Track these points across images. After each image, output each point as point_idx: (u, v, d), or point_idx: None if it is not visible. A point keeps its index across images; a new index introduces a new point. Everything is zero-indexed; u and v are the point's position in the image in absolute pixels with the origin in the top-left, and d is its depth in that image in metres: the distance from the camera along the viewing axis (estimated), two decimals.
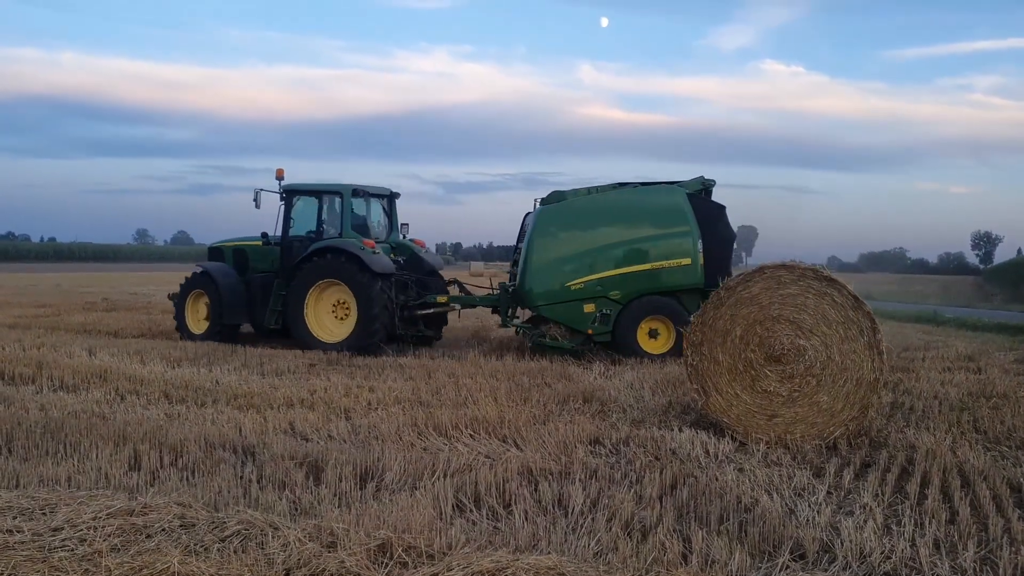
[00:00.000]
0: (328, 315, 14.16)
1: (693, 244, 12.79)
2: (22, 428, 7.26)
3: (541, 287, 13.17)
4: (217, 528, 4.76)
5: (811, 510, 5.50)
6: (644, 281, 12.93)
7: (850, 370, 7.37)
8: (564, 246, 13.19)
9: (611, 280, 12.94)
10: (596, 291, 12.97)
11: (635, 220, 13.11)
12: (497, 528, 5.12)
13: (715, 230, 13.02)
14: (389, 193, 15.82)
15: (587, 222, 13.27)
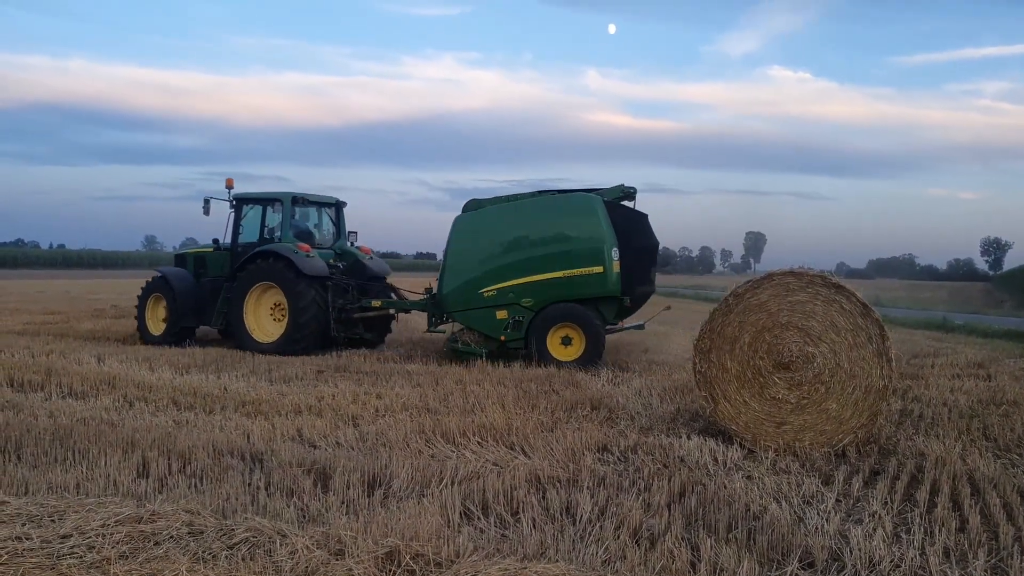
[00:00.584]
0: (267, 317, 14.77)
1: (606, 252, 12.76)
2: (31, 435, 7.28)
3: (456, 293, 13.51)
4: (225, 535, 4.77)
5: (820, 518, 5.48)
6: (556, 288, 12.98)
7: (859, 377, 7.35)
8: (479, 253, 13.44)
9: (523, 287, 13.09)
10: (509, 298, 13.18)
11: (548, 228, 13.17)
12: (505, 536, 5.11)
13: (633, 238, 13.05)
14: (335, 202, 16.44)
15: (501, 230, 13.47)
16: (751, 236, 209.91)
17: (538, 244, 13.16)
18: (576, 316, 12.92)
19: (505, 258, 13.26)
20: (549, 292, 12.99)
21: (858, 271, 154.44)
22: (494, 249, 13.39)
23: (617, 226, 12.93)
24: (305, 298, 14.05)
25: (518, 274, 13.13)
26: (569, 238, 12.97)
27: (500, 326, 13.28)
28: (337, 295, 14.73)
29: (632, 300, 13.13)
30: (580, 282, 12.86)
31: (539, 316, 13.04)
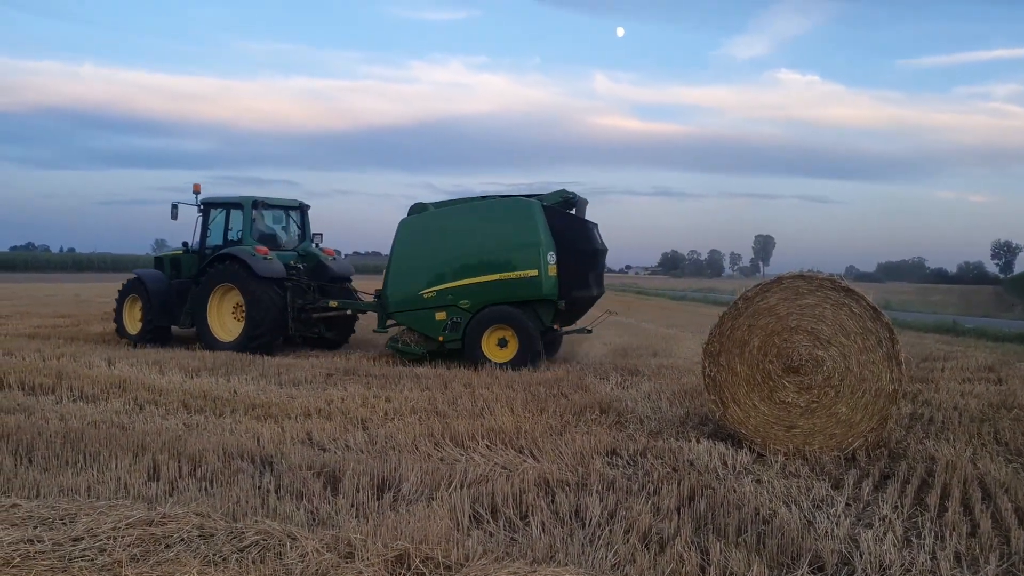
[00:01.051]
0: (229, 317, 15.35)
1: (541, 256, 12.95)
2: (42, 438, 7.31)
3: (398, 294, 13.95)
4: (235, 538, 4.78)
5: (830, 522, 5.47)
6: (492, 291, 13.23)
7: (869, 381, 7.33)
8: (420, 256, 13.83)
9: (461, 289, 13.41)
10: (447, 300, 13.49)
11: (486, 232, 13.47)
12: (514, 539, 5.11)
13: (572, 243, 13.23)
14: (298, 205, 16.96)
15: (442, 234, 13.81)
16: (760, 239, 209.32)
17: (476, 247, 13.46)
18: (510, 318, 13.17)
19: (445, 261, 13.61)
20: (486, 294, 13.27)
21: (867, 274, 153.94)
22: (435, 252, 13.72)
23: (556, 231, 13.15)
24: (261, 298, 14.58)
25: (457, 276, 13.47)
26: (506, 242, 13.25)
27: (439, 327, 13.60)
28: (297, 295, 15.21)
29: (569, 304, 13.33)
30: (515, 285, 13.11)
31: (476, 318, 13.33)
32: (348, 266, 16.83)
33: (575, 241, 13.29)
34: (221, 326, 15.27)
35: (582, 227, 13.60)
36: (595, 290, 13.78)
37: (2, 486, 5.94)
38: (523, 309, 13.19)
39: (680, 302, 42.85)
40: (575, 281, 13.20)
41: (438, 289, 13.55)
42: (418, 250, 13.89)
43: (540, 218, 13.11)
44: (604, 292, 14.56)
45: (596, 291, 13.84)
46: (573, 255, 13.19)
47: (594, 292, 13.78)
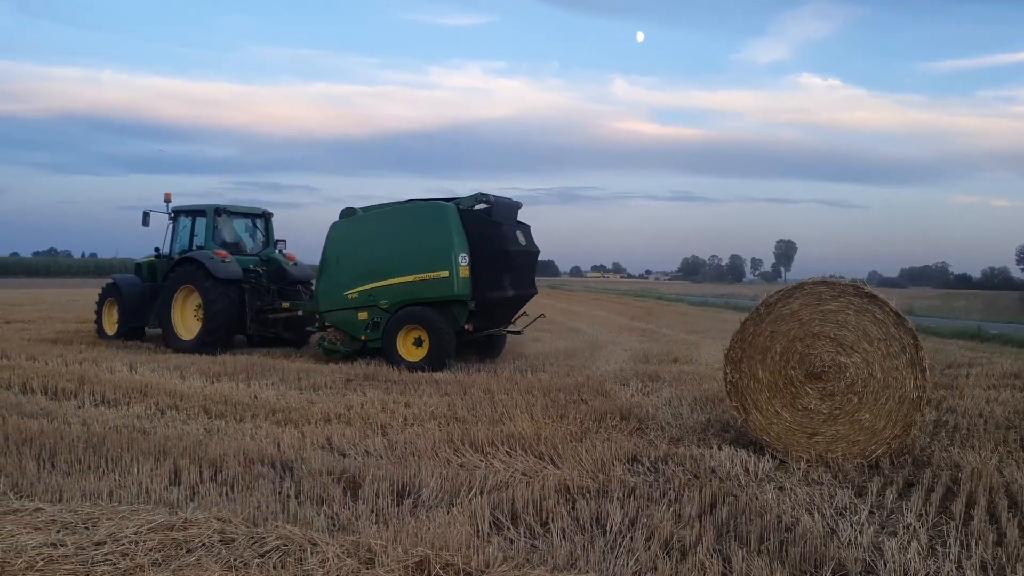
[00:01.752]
0: (192, 317, 16.14)
1: (453, 258, 13.30)
2: (65, 442, 7.37)
3: (326, 295, 14.52)
4: (256, 543, 4.79)
5: (853, 530, 5.41)
6: (408, 292, 13.71)
7: (892, 387, 7.26)
8: (346, 258, 14.38)
9: (380, 290, 13.93)
10: (369, 300, 14.06)
11: (404, 235, 13.91)
12: (534, 546, 5.09)
13: (487, 245, 13.50)
14: (262, 213, 18.05)
15: (365, 237, 14.37)
16: (781, 244, 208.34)
17: (394, 249, 13.92)
18: (423, 318, 13.60)
19: (367, 263, 14.14)
20: (403, 295, 13.76)
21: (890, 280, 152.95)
22: (359, 254, 14.29)
23: (470, 233, 13.51)
24: (216, 299, 15.39)
25: (377, 277, 13.97)
26: (420, 244, 13.66)
27: (361, 326, 14.19)
28: (255, 297, 16.13)
29: (483, 305, 13.62)
30: (428, 286, 13.53)
31: (393, 318, 13.81)
32: (307, 270, 17.71)
33: (491, 243, 13.54)
34: (184, 326, 16.07)
35: (497, 229, 13.72)
36: (511, 291, 14.01)
37: (26, 490, 5.99)
38: (438, 310, 13.59)
39: (701, 308, 42.63)
40: (489, 282, 13.51)
41: (360, 290, 14.09)
42: (345, 252, 14.43)
43: (454, 221, 13.50)
44: (534, 293, 15.05)
45: (513, 292, 14.07)
46: (488, 257, 13.50)
47: (509, 293, 13.99)
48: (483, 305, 13.63)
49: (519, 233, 14.30)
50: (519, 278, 14.21)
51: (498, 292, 13.73)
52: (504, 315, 14.69)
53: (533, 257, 14.84)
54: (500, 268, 13.67)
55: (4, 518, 5.19)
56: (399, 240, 13.92)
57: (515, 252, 13.92)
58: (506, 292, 13.88)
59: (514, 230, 14.16)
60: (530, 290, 14.87)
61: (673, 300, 53.50)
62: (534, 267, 15.00)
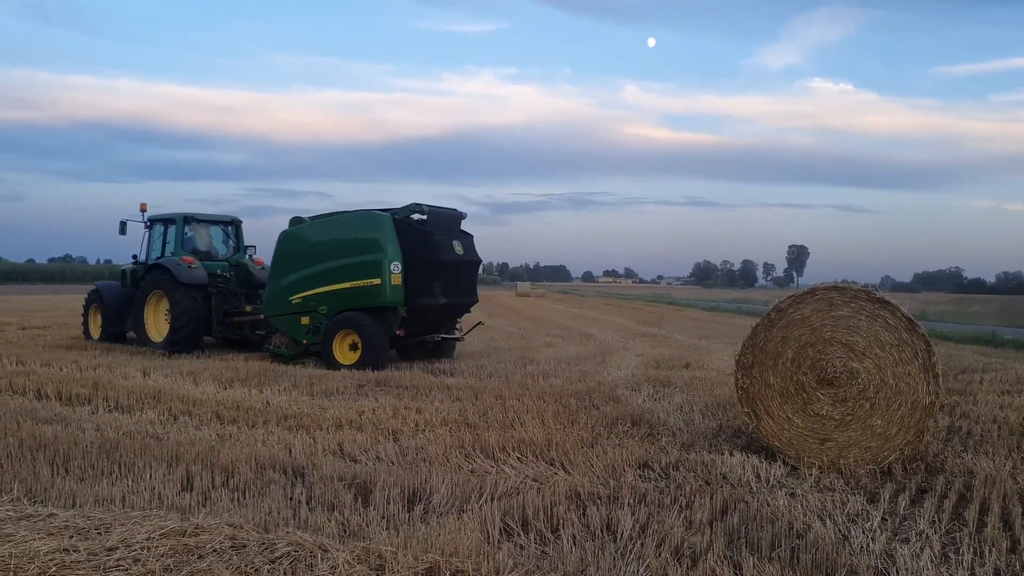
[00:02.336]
0: (163, 320, 16.84)
1: (385, 266, 13.95)
2: (78, 448, 7.41)
3: (272, 300, 15.29)
4: (267, 549, 4.80)
5: (865, 536, 5.39)
6: (344, 298, 14.36)
7: (905, 393, 7.23)
8: (292, 265, 15.02)
9: (321, 296, 14.60)
10: (310, 305, 14.74)
11: (341, 243, 14.60)
12: (545, 553, 5.09)
13: (420, 254, 14.12)
14: (231, 220, 18.80)
15: (308, 245, 15.02)
16: (793, 249, 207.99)
17: (333, 257, 14.58)
18: (356, 324, 14.23)
19: (309, 269, 14.77)
20: (340, 301, 14.42)
21: (903, 285, 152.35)
22: (303, 261, 14.93)
23: (404, 242, 14.15)
24: (181, 302, 16.17)
25: (318, 284, 14.64)
26: (356, 252, 14.32)
27: (303, 331, 14.87)
28: (222, 301, 16.87)
29: (414, 311, 14.24)
30: (362, 292, 14.19)
31: (330, 322, 14.45)
32: None
33: (423, 252, 14.11)
34: (156, 328, 16.93)
35: (429, 239, 14.26)
36: (443, 298, 14.49)
37: (39, 496, 6.02)
38: (372, 315, 14.23)
39: (712, 313, 42.54)
40: (420, 290, 14.10)
41: (303, 295, 14.79)
42: (291, 260, 15.06)
43: (388, 230, 14.14)
44: (474, 301, 15.67)
45: (446, 299, 14.55)
46: (420, 265, 14.09)
47: (441, 300, 14.47)
48: (414, 311, 14.25)
49: (456, 243, 14.79)
50: (454, 286, 14.76)
51: (429, 299, 14.26)
52: (438, 321, 15.25)
53: (472, 266, 15.41)
54: (432, 276, 14.22)
55: (18, 523, 5.22)
56: (337, 248, 14.58)
57: (449, 261, 14.43)
58: (438, 300, 14.40)
59: (450, 240, 14.68)
60: (469, 298, 15.46)
61: (685, 305, 53.41)
62: (474, 276, 15.65)
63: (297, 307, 14.87)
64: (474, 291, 15.65)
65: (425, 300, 14.18)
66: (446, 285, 14.47)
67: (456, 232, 15.06)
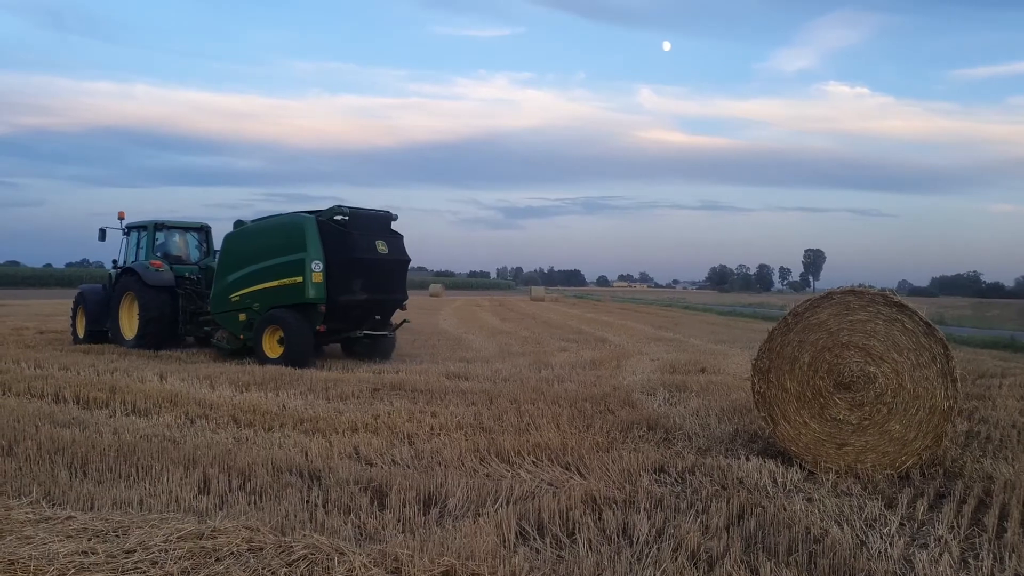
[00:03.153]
0: (135, 319, 17.92)
1: (307, 265, 14.87)
2: (96, 451, 7.46)
3: (216, 299, 16.38)
4: (284, 552, 4.81)
5: (883, 542, 5.36)
6: (273, 296, 15.36)
7: (923, 398, 7.18)
8: (233, 266, 16.08)
9: (255, 294, 15.62)
10: (246, 303, 15.78)
11: (272, 245, 15.57)
12: (561, 557, 5.08)
13: (339, 253, 14.99)
14: (200, 226, 19.88)
15: (245, 246, 16.05)
16: (810, 253, 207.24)
17: (265, 258, 15.57)
18: (282, 320, 15.11)
19: (246, 269, 15.80)
20: (269, 298, 15.40)
21: (921, 289, 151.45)
22: (241, 262, 15.95)
23: (327, 243, 15.04)
24: (149, 303, 17.35)
25: (252, 283, 15.66)
26: (283, 252, 15.27)
27: (241, 327, 15.98)
28: (189, 302, 17.79)
29: (334, 308, 15.07)
30: (288, 290, 15.14)
31: (260, 319, 15.46)
32: None
33: (342, 252, 14.98)
34: (129, 327, 18.07)
35: (348, 239, 15.09)
36: (362, 295, 15.35)
37: (58, 498, 6.06)
38: (297, 312, 15.13)
39: (728, 317, 42.41)
40: (340, 287, 14.97)
41: (240, 294, 15.83)
42: (231, 260, 16.11)
43: (311, 232, 15.03)
44: (402, 299, 16.41)
45: (365, 296, 15.40)
46: (339, 264, 14.96)
47: (360, 297, 15.32)
48: (334, 308, 15.09)
49: (379, 242, 15.54)
50: (377, 284, 15.60)
51: (348, 296, 15.14)
52: (361, 318, 15.94)
53: (398, 265, 16.06)
54: (351, 274, 15.09)
55: (37, 526, 5.26)
56: (268, 249, 15.55)
57: (369, 260, 15.28)
58: (357, 296, 15.27)
59: (372, 240, 15.45)
60: (395, 295, 16.26)
61: (700, 310, 53.27)
62: (401, 274, 16.29)
63: (236, 305, 15.92)
64: (400, 289, 16.32)
65: (345, 297, 15.07)
66: (367, 283, 15.33)
67: (381, 232, 15.78)
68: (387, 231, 15.97)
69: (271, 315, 15.23)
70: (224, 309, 16.23)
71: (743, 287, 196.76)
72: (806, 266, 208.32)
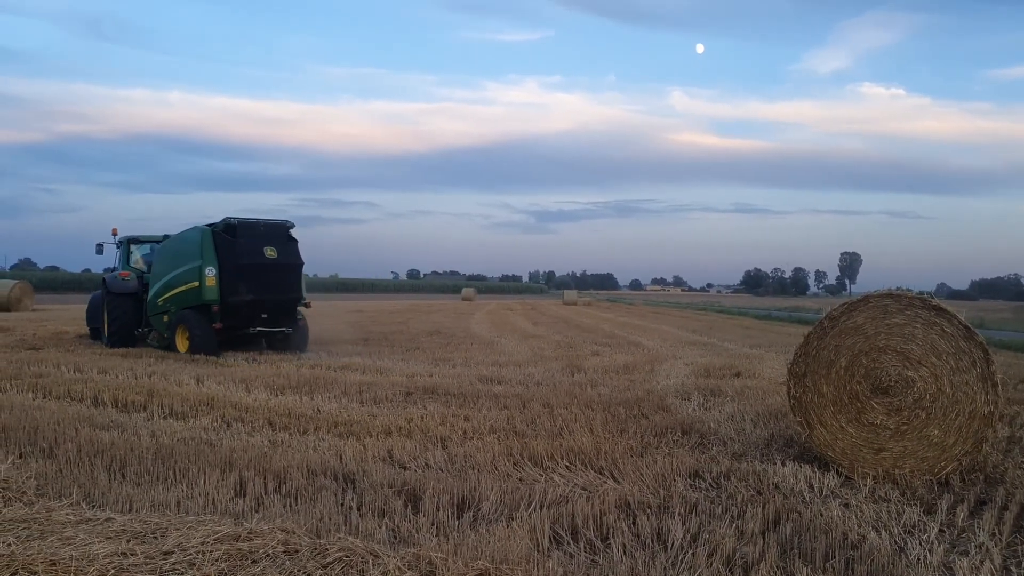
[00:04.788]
0: None
1: (202, 271, 17.20)
2: (134, 454, 7.55)
3: (150, 304, 18.80)
4: (319, 555, 4.84)
5: (922, 548, 5.28)
6: (181, 299, 17.71)
7: (962, 403, 7.07)
8: (157, 275, 18.61)
9: (170, 299, 18.01)
10: (166, 307, 18.18)
11: (179, 255, 18.02)
12: (595, 561, 5.06)
13: (227, 259, 17.32)
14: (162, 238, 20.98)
15: (164, 258, 18.64)
16: (846, 256, 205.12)
17: (176, 266, 17.90)
18: (187, 319, 17.56)
19: (165, 278, 18.18)
20: (180, 301, 17.74)
21: (960, 292, 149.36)
22: (162, 271, 18.39)
23: (220, 251, 17.28)
24: (112, 307, 19.65)
25: (169, 289, 18.04)
26: (187, 261, 17.62)
27: (165, 327, 18.37)
28: None
29: (226, 308, 17.32)
30: (191, 294, 17.46)
31: (173, 319, 17.94)
32: None
33: (230, 258, 17.30)
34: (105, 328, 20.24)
35: (234, 246, 17.42)
36: (249, 296, 17.58)
37: (97, 500, 6.15)
38: (198, 312, 17.41)
39: (763, 321, 42.06)
40: (229, 289, 17.26)
41: (164, 298, 18.17)
42: (158, 270, 18.67)
43: (206, 242, 17.30)
44: (297, 298, 18.55)
45: (252, 296, 17.63)
46: (228, 269, 17.26)
47: (247, 297, 17.56)
48: (226, 307, 17.37)
49: (267, 248, 17.74)
50: (266, 285, 17.82)
51: (236, 297, 17.41)
52: (253, 316, 18.03)
53: (288, 268, 18.19)
54: (238, 278, 17.35)
55: (77, 527, 5.33)
56: (177, 259, 17.94)
57: (255, 264, 17.53)
58: (244, 297, 17.50)
59: (260, 247, 17.67)
60: (287, 296, 18.34)
61: (735, 313, 52.89)
62: (293, 276, 18.34)
63: (161, 308, 18.36)
64: (294, 289, 18.40)
65: (233, 298, 17.37)
66: (254, 285, 17.60)
67: (272, 240, 17.95)
68: (280, 238, 18.15)
69: (180, 315, 17.71)
70: (155, 312, 18.65)
71: (778, 290, 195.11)
72: (842, 269, 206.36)
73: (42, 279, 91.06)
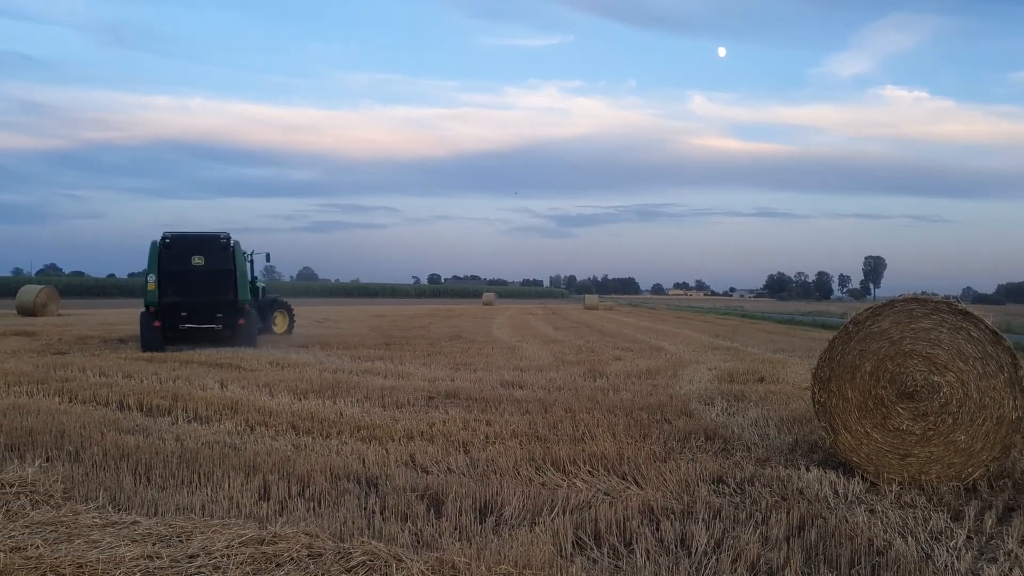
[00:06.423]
0: None
1: (147, 277, 20.67)
2: (159, 458, 7.61)
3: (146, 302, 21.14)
4: (343, 559, 4.86)
5: (950, 555, 5.23)
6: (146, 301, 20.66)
7: (990, 408, 7.00)
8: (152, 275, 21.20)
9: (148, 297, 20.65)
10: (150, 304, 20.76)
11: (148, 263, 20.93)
12: (618, 567, 5.05)
13: (168, 267, 20.50)
14: None
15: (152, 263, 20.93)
16: (870, 260, 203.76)
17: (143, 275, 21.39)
18: (141, 319, 20.71)
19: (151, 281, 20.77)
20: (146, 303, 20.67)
21: (987, 296, 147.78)
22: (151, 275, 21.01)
23: (161, 260, 20.41)
24: None
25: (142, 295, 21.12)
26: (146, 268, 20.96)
27: None
28: None
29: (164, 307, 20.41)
30: (145, 297, 20.64)
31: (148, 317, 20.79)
32: None
33: (164, 265, 20.45)
34: None
35: (167, 255, 20.53)
36: (176, 298, 20.52)
37: (123, 503, 6.20)
38: (146, 312, 20.58)
39: (787, 326, 41.79)
40: (163, 293, 20.40)
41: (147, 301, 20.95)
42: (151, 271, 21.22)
43: (152, 253, 20.54)
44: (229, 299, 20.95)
45: (178, 298, 20.55)
46: (163, 275, 20.43)
47: (174, 299, 20.51)
48: (162, 308, 20.44)
49: (195, 257, 20.68)
50: (190, 289, 20.64)
51: (166, 299, 20.45)
52: (188, 315, 20.85)
53: (216, 273, 20.80)
54: (167, 283, 20.47)
55: (103, 530, 5.38)
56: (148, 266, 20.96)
57: (182, 271, 20.55)
58: (171, 299, 20.51)
59: (189, 255, 20.64)
60: (215, 297, 20.89)
61: (758, 318, 52.58)
62: (224, 280, 20.87)
63: None
64: (224, 291, 20.91)
65: (164, 299, 20.44)
66: (183, 288, 20.55)
67: (201, 249, 20.80)
68: (212, 248, 20.96)
69: (141, 315, 20.97)
70: None
71: (802, 295, 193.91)
72: (866, 273, 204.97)
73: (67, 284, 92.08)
